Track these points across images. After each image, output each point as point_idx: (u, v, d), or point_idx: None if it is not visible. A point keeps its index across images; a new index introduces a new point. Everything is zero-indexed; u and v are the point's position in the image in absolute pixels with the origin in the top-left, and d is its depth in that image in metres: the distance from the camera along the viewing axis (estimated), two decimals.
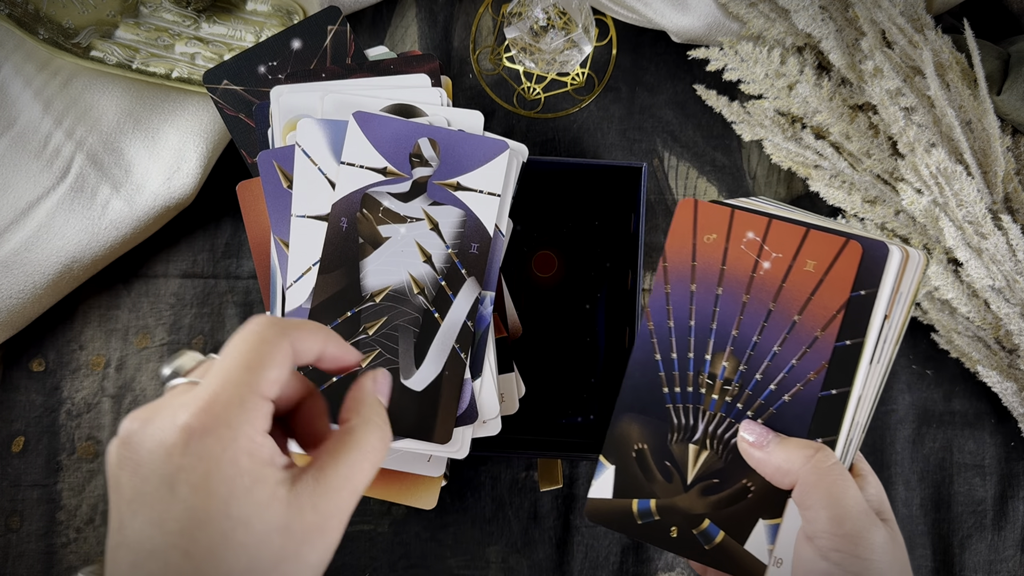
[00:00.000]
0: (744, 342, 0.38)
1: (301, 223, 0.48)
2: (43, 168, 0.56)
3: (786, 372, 0.37)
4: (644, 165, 0.52)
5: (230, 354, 0.29)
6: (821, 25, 0.56)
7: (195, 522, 0.26)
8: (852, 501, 0.34)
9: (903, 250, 0.37)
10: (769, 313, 0.38)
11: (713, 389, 0.38)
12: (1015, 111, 0.54)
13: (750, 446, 0.37)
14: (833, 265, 0.37)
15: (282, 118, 0.50)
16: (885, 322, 0.37)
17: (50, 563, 0.56)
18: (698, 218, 0.39)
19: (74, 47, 0.56)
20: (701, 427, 0.38)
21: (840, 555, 0.33)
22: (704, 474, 0.38)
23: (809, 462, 0.35)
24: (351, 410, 0.33)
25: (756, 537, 0.37)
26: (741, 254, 0.38)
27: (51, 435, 0.58)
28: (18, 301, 0.55)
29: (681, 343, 0.39)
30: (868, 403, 0.39)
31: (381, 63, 0.52)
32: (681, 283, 0.39)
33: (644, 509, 0.38)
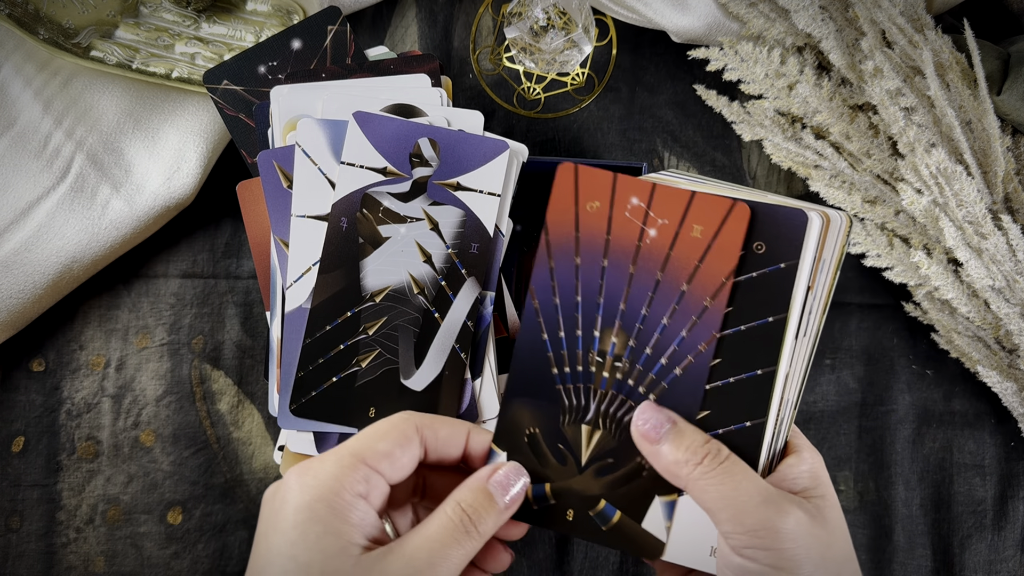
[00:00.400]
0: (632, 316, 0.36)
1: (301, 223, 0.48)
2: (43, 168, 0.56)
3: (676, 345, 0.36)
4: (644, 165, 0.52)
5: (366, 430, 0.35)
6: (821, 25, 0.56)
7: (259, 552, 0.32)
8: (746, 495, 0.32)
9: (823, 215, 0.35)
10: (657, 284, 0.36)
11: (603, 367, 0.36)
12: (1015, 111, 0.54)
13: (642, 436, 0.35)
14: (721, 229, 0.35)
15: (282, 118, 0.50)
16: (808, 293, 0.35)
17: (50, 563, 0.56)
18: (579, 185, 0.37)
19: (74, 47, 0.56)
20: (593, 407, 0.37)
21: (752, 551, 0.32)
22: (598, 454, 0.36)
23: (695, 470, 0.33)
24: (450, 495, 0.34)
25: (653, 515, 0.36)
26: (626, 222, 0.36)
27: (51, 435, 0.58)
28: (18, 301, 0.55)
29: (568, 321, 0.37)
30: (797, 378, 0.37)
31: (381, 63, 0.52)
32: (565, 256, 0.37)
33: (539, 494, 0.37)
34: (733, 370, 0.35)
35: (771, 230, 0.34)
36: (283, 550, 0.31)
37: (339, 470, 0.32)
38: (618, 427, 0.36)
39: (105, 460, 0.58)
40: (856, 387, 0.59)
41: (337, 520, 0.31)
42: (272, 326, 0.50)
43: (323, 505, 0.31)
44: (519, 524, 0.37)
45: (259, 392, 0.58)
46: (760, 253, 0.34)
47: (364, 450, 0.33)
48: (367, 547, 0.32)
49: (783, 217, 0.34)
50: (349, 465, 0.32)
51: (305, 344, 0.47)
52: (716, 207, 0.35)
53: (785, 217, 0.34)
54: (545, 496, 0.37)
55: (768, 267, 0.34)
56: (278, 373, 0.49)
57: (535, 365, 0.37)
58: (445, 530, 0.32)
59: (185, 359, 0.59)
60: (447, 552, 0.32)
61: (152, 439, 0.58)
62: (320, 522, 0.31)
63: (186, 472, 0.57)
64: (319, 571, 0.30)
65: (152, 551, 0.57)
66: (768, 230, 0.34)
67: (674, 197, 0.35)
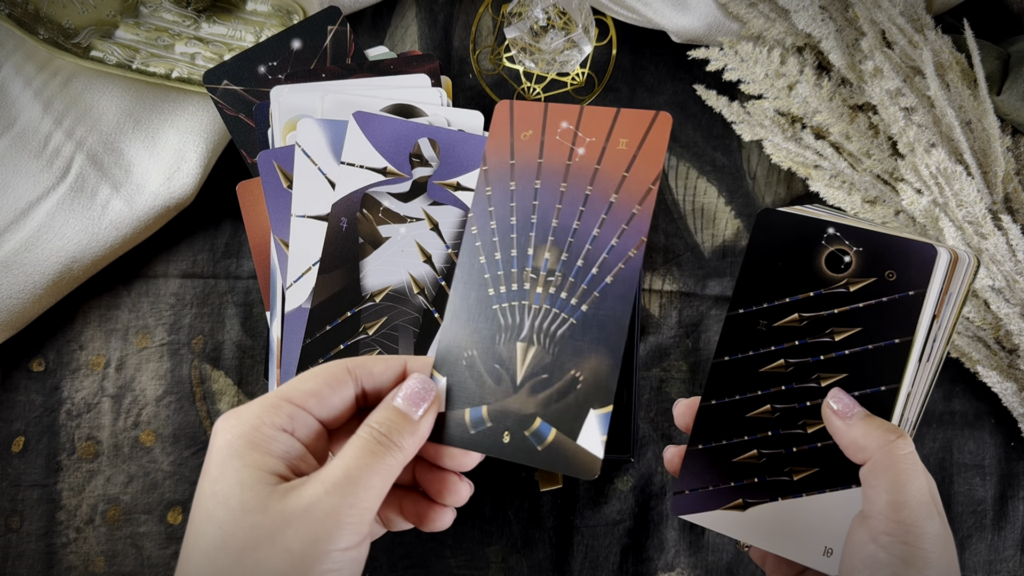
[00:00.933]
0: (564, 231, 0.38)
1: (301, 223, 0.48)
2: (43, 168, 0.56)
3: (606, 253, 0.37)
4: None
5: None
6: (821, 25, 0.56)
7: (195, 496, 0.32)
8: (915, 492, 0.34)
9: (951, 252, 0.38)
10: (587, 198, 0.38)
11: (537, 283, 0.38)
12: (1015, 111, 0.54)
13: (833, 414, 0.37)
14: (645, 139, 0.37)
15: (282, 118, 0.50)
16: (934, 322, 0.37)
17: (50, 563, 0.56)
18: (515, 118, 0.39)
19: (74, 47, 0.56)
20: (527, 324, 0.38)
21: (890, 539, 0.34)
22: (533, 371, 0.37)
23: (886, 445, 0.35)
24: (363, 423, 0.34)
25: (588, 430, 0.36)
26: (557, 144, 0.38)
27: (51, 435, 0.58)
28: (18, 301, 0.55)
29: (504, 243, 0.38)
30: (918, 400, 0.39)
31: (381, 63, 0.52)
32: (501, 183, 0.39)
33: (476, 417, 0.37)
34: (859, 385, 0.38)
35: (902, 260, 0.37)
36: (207, 489, 0.31)
37: (261, 409, 0.33)
38: (552, 341, 0.37)
39: (105, 460, 0.58)
40: None
41: (255, 452, 0.31)
42: (272, 326, 0.50)
43: (242, 440, 0.32)
44: (468, 454, 0.38)
45: (259, 392, 0.58)
46: (891, 280, 0.38)
47: (289, 391, 0.34)
48: (289, 477, 0.32)
49: (915, 250, 0.37)
50: (272, 404, 0.33)
51: (305, 344, 0.47)
52: (640, 119, 0.37)
53: (916, 250, 0.37)
54: (482, 419, 0.37)
55: (898, 293, 0.37)
56: (278, 373, 0.49)
57: (474, 288, 0.38)
58: (360, 449, 0.32)
59: (185, 359, 0.59)
60: (365, 465, 0.32)
61: (152, 439, 0.58)
62: (237, 456, 0.31)
63: (186, 472, 0.57)
64: (237, 501, 0.30)
65: (152, 551, 0.57)
66: (900, 260, 0.38)
67: (600, 116, 0.38)
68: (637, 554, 0.57)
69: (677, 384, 0.59)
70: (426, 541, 0.57)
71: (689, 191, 0.61)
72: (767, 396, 0.40)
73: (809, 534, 0.38)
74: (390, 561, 0.57)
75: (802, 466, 0.39)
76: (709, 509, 0.40)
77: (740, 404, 0.40)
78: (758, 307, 0.40)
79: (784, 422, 0.39)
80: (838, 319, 0.38)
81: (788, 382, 0.39)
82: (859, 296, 0.38)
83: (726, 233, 0.61)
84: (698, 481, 0.41)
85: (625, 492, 0.58)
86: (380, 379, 0.36)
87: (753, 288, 0.40)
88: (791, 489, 0.39)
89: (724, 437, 0.40)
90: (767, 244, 0.40)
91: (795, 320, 0.39)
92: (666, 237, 0.60)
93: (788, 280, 0.40)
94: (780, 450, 0.39)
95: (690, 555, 0.57)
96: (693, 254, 0.60)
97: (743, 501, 0.40)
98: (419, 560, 0.57)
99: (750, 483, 0.40)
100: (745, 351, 0.40)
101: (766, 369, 0.40)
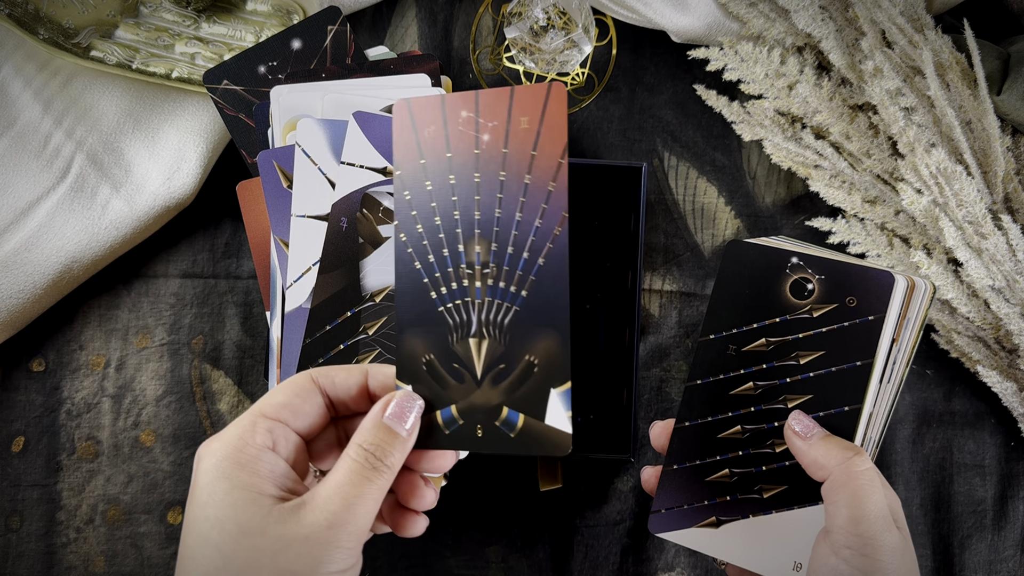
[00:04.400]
0: (488, 221, 0.38)
1: (301, 223, 0.48)
2: (43, 168, 0.56)
3: (533, 236, 0.37)
4: (644, 165, 0.52)
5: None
6: (821, 25, 0.56)
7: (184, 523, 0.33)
8: (873, 506, 0.36)
9: (908, 279, 0.40)
10: (502, 184, 0.38)
11: (475, 277, 0.38)
12: (1015, 111, 0.54)
13: (795, 435, 0.39)
14: (544, 113, 0.37)
15: (282, 118, 0.50)
16: (894, 345, 0.39)
17: (50, 563, 0.56)
18: (414, 116, 0.39)
19: (74, 47, 0.56)
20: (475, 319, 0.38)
21: (851, 552, 0.35)
22: (491, 363, 0.38)
23: (844, 462, 0.37)
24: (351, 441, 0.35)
25: (553, 409, 0.37)
26: (461, 135, 0.38)
27: (51, 435, 0.58)
28: (18, 301, 0.55)
29: (435, 244, 0.39)
30: (880, 421, 0.41)
31: (381, 63, 0.52)
32: (417, 185, 0.39)
33: (448, 417, 0.38)
34: (823, 406, 0.40)
35: (862, 287, 0.40)
36: (198, 513, 0.32)
37: (240, 430, 0.33)
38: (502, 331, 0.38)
39: (105, 460, 0.58)
40: None
41: (244, 473, 0.32)
42: (272, 326, 0.50)
43: (228, 463, 0.32)
44: (444, 454, 0.38)
45: (259, 392, 0.58)
46: (852, 306, 0.40)
47: (262, 407, 0.34)
48: (281, 497, 0.32)
49: (873, 277, 0.39)
50: (249, 423, 0.33)
51: (305, 344, 0.47)
52: (535, 93, 0.37)
53: (875, 277, 0.39)
54: (454, 418, 0.38)
55: (858, 318, 0.39)
56: (278, 373, 0.49)
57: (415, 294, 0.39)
58: (353, 472, 0.33)
59: (185, 359, 0.59)
60: (360, 492, 0.33)
61: (152, 439, 0.58)
62: (227, 478, 0.32)
63: (186, 472, 0.57)
64: (233, 524, 0.31)
65: (152, 551, 0.57)
66: (860, 287, 0.40)
67: (497, 97, 0.38)
68: (637, 554, 0.57)
69: (677, 384, 0.59)
70: (426, 541, 0.57)
71: (689, 191, 0.61)
72: (737, 417, 0.42)
73: (779, 549, 0.40)
74: (390, 561, 0.57)
75: (771, 484, 0.41)
76: (684, 527, 0.42)
77: (712, 425, 0.42)
78: (728, 333, 0.42)
79: (754, 442, 0.41)
80: (803, 343, 0.41)
81: (757, 403, 0.41)
82: (822, 321, 0.40)
83: (726, 233, 0.61)
84: (673, 500, 0.43)
85: (625, 492, 0.58)
86: (342, 387, 0.37)
87: (723, 315, 0.42)
88: (761, 506, 0.41)
89: (698, 457, 0.42)
90: (736, 273, 0.42)
91: (763, 344, 0.41)
92: (666, 237, 0.60)
93: (755, 307, 0.42)
94: (750, 469, 0.41)
95: (690, 555, 0.57)
96: (693, 254, 0.60)
97: (716, 519, 0.42)
98: (419, 560, 0.57)
99: (723, 501, 0.42)
100: (716, 375, 0.42)
101: (736, 392, 0.42)
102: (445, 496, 0.58)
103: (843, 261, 0.41)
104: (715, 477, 0.42)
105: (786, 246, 0.43)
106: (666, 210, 0.61)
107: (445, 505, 0.57)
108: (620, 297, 0.58)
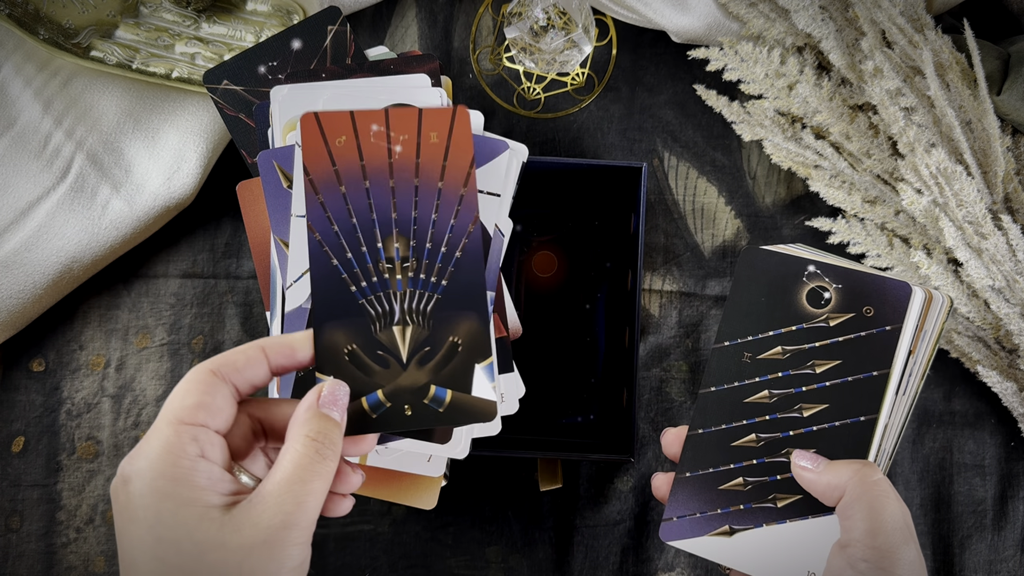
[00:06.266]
0: (405, 221, 0.41)
1: (301, 223, 0.48)
2: (43, 168, 0.56)
3: (449, 233, 0.41)
4: (644, 165, 0.52)
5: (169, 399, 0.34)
6: (821, 25, 0.56)
7: (124, 547, 0.31)
8: (890, 517, 0.35)
9: (926, 292, 0.40)
10: (416, 188, 0.41)
11: (395, 271, 0.41)
12: (1015, 111, 0.54)
13: (802, 470, 0.39)
14: (452, 131, 0.42)
15: (282, 118, 0.50)
16: (910, 357, 0.39)
17: (50, 563, 0.56)
18: (323, 126, 0.42)
19: (74, 47, 0.56)
20: (397, 308, 0.41)
21: (868, 565, 0.35)
22: (415, 348, 0.40)
23: (856, 476, 0.37)
24: (288, 430, 0.34)
25: (478, 382, 0.40)
26: (373, 146, 0.42)
27: (51, 435, 0.58)
28: (18, 301, 0.55)
29: (351, 241, 0.41)
30: (895, 432, 0.41)
31: (381, 63, 0.52)
32: (330, 189, 0.41)
33: (374, 402, 0.39)
34: (839, 415, 0.40)
35: (879, 297, 0.40)
36: (147, 536, 0.31)
37: (163, 443, 0.32)
38: (425, 317, 0.41)
39: (105, 460, 0.58)
40: None
41: (185, 489, 0.31)
42: (272, 326, 0.50)
43: (165, 480, 0.31)
44: (364, 438, 0.38)
45: (259, 392, 0.58)
46: (869, 316, 0.40)
47: (178, 413, 0.32)
48: (227, 504, 0.32)
49: (891, 287, 0.40)
50: (171, 433, 0.32)
51: None
52: (442, 116, 0.42)
53: (892, 287, 0.40)
54: (380, 402, 0.40)
55: (875, 328, 0.40)
56: None
57: (334, 289, 0.41)
58: (302, 464, 0.32)
59: (185, 359, 0.59)
60: (310, 484, 0.32)
61: None
62: (169, 497, 0.31)
63: None
64: (190, 544, 0.30)
65: None
66: (877, 297, 0.40)
67: (406, 116, 0.42)
68: (637, 554, 0.57)
69: (677, 384, 0.59)
70: (426, 541, 0.57)
71: (689, 191, 0.61)
72: (752, 425, 0.41)
73: (792, 559, 0.40)
74: (390, 561, 0.57)
75: (786, 493, 0.40)
76: (697, 535, 0.42)
77: (726, 433, 0.42)
78: (743, 340, 0.42)
79: (768, 450, 0.41)
80: (819, 352, 0.40)
81: (772, 412, 0.41)
82: (839, 330, 0.40)
83: (726, 233, 0.61)
84: (686, 508, 0.42)
85: (625, 492, 0.58)
86: (248, 373, 0.35)
87: (738, 322, 0.42)
88: (775, 516, 0.40)
89: (711, 465, 0.42)
90: (751, 280, 0.42)
91: (778, 353, 0.41)
92: (666, 237, 0.60)
93: (771, 315, 0.42)
94: (764, 478, 0.41)
95: (689, 555, 0.57)
96: (693, 254, 0.60)
97: (729, 528, 0.41)
98: (419, 560, 0.57)
99: (736, 510, 0.41)
100: (731, 382, 0.42)
101: (751, 400, 0.42)
102: (445, 496, 0.58)
103: (861, 271, 0.41)
104: (728, 485, 0.41)
105: (803, 254, 0.43)
106: (666, 210, 0.61)
107: (445, 505, 0.57)
108: (620, 297, 0.58)
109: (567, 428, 0.59)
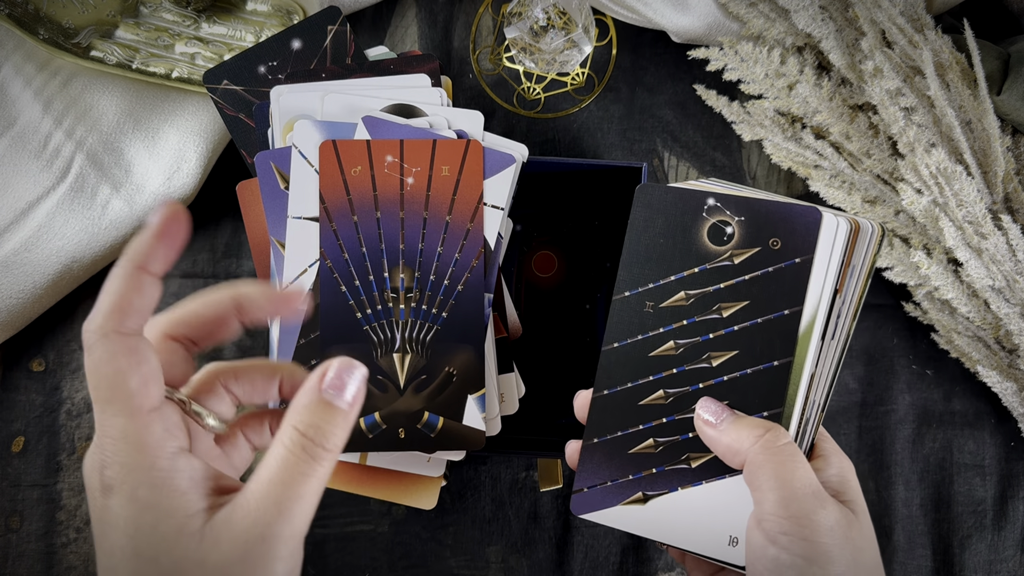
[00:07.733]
0: (412, 252, 0.43)
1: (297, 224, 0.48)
2: (43, 168, 0.56)
3: (453, 267, 0.43)
4: (644, 165, 0.52)
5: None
6: (821, 25, 0.56)
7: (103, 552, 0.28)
8: (800, 482, 0.32)
9: (851, 221, 0.36)
10: (425, 221, 0.43)
11: (399, 300, 0.43)
12: (1015, 111, 0.54)
13: (704, 424, 0.36)
14: (463, 165, 0.43)
15: (282, 118, 0.50)
16: (837, 297, 0.36)
17: (50, 563, 0.56)
18: (340, 156, 0.43)
19: (74, 47, 0.56)
20: (399, 336, 0.43)
21: (788, 538, 0.32)
22: (413, 375, 0.42)
23: (758, 442, 0.34)
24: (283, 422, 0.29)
25: (470, 412, 0.42)
26: (387, 177, 0.43)
27: (51, 435, 0.58)
28: (18, 301, 0.55)
29: (360, 270, 0.43)
30: (824, 381, 0.37)
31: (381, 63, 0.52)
32: (343, 218, 0.43)
33: (371, 423, 0.42)
34: (751, 361, 0.36)
35: (786, 227, 0.36)
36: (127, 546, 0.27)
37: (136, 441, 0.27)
38: (424, 347, 0.43)
39: None
40: (856, 387, 0.59)
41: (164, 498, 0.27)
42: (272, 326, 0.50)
43: (145, 489, 0.27)
44: (295, 295, 0.33)
45: None
46: (776, 249, 0.36)
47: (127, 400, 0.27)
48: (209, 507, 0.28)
49: (798, 215, 0.36)
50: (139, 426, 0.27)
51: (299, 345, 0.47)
52: (455, 148, 0.43)
53: (800, 215, 0.36)
54: (377, 423, 0.42)
55: (783, 262, 0.36)
56: None
57: (341, 315, 0.43)
58: (287, 466, 0.28)
59: None
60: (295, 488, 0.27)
61: None
62: (149, 509, 0.27)
63: None
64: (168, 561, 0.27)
65: None
66: (783, 227, 0.36)
67: (420, 148, 0.43)
68: (637, 554, 0.57)
69: None
70: (426, 541, 0.57)
71: None
72: (659, 381, 0.38)
73: (712, 524, 0.36)
74: (390, 561, 0.57)
75: (699, 452, 0.37)
76: (609, 506, 0.38)
77: (632, 392, 0.38)
78: (643, 288, 0.38)
79: (678, 407, 0.37)
80: (725, 294, 0.37)
81: (679, 364, 0.37)
82: (744, 268, 0.36)
83: None
84: (596, 477, 0.39)
85: None
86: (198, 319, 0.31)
87: (636, 269, 0.38)
88: (690, 477, 0.37)
89: (619, 428, 0.38)
90: (648, 221, 0.38)
91: (682, 299, 0.37)
92: None
93: (671, 258, 0.38)
94: (676, 437, 0.37)
95: None
96: None
97: (643, 495, 0.38)
98: (419, 560, 0.57)
99: (648, 474, 0.38)
100: (634, 336, 0.38)
101: (656, 353, 0.38)
102: (445, 496, 0.58)
103: (765, 199, 0.37)
104: (639, 448, 0.38)
105: (701, 187, 0.39)
106: None
107: (445, 505, 0.57)
108: None
109: (567, 428, 0.59)
